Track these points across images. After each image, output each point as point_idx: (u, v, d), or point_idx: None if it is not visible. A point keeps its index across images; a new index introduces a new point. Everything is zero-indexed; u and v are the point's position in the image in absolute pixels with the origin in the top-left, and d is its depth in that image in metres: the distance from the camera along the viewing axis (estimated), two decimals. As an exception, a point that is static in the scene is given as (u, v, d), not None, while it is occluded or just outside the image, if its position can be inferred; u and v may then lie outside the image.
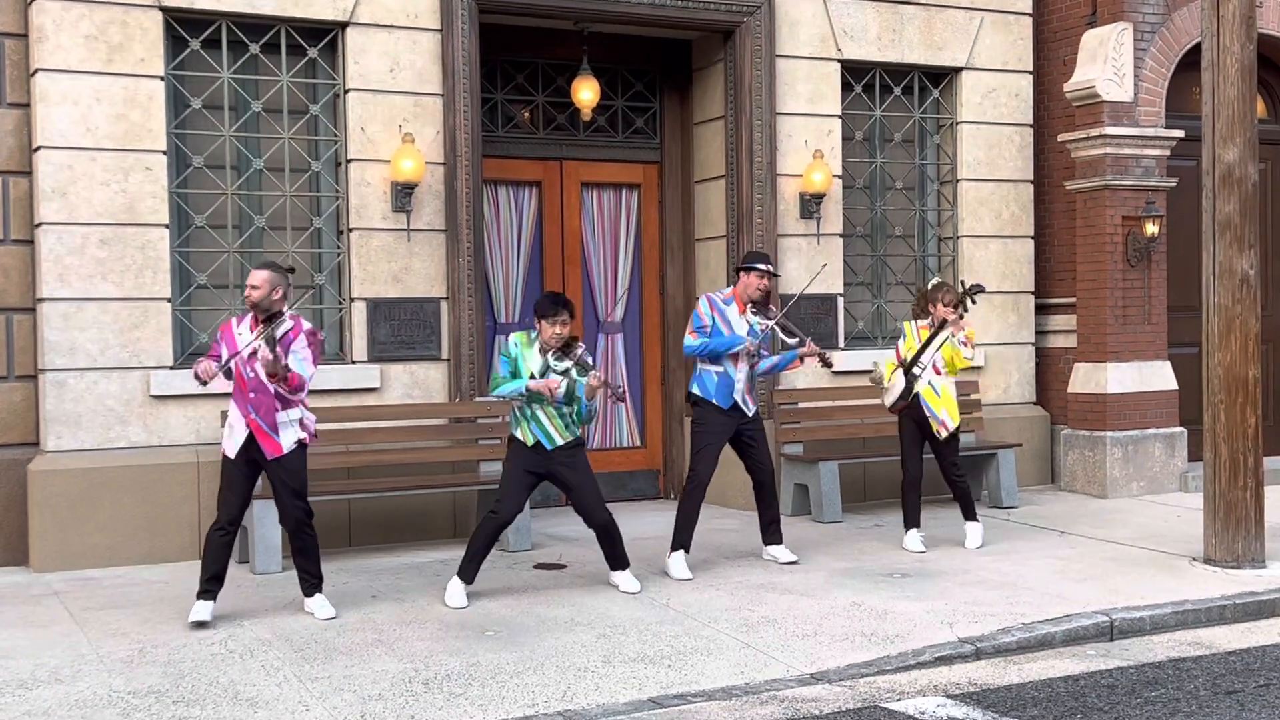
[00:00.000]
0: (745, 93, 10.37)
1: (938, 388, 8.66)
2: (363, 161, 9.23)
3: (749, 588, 7.71)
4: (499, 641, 6.58)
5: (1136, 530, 9.45)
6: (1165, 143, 11.09)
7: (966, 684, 6.06)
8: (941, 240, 11.47)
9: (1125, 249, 11.01)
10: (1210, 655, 6.55)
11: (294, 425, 6.93)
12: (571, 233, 10.89)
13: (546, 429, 7.37)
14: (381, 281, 9.30)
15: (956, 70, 11.26)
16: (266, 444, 6.87)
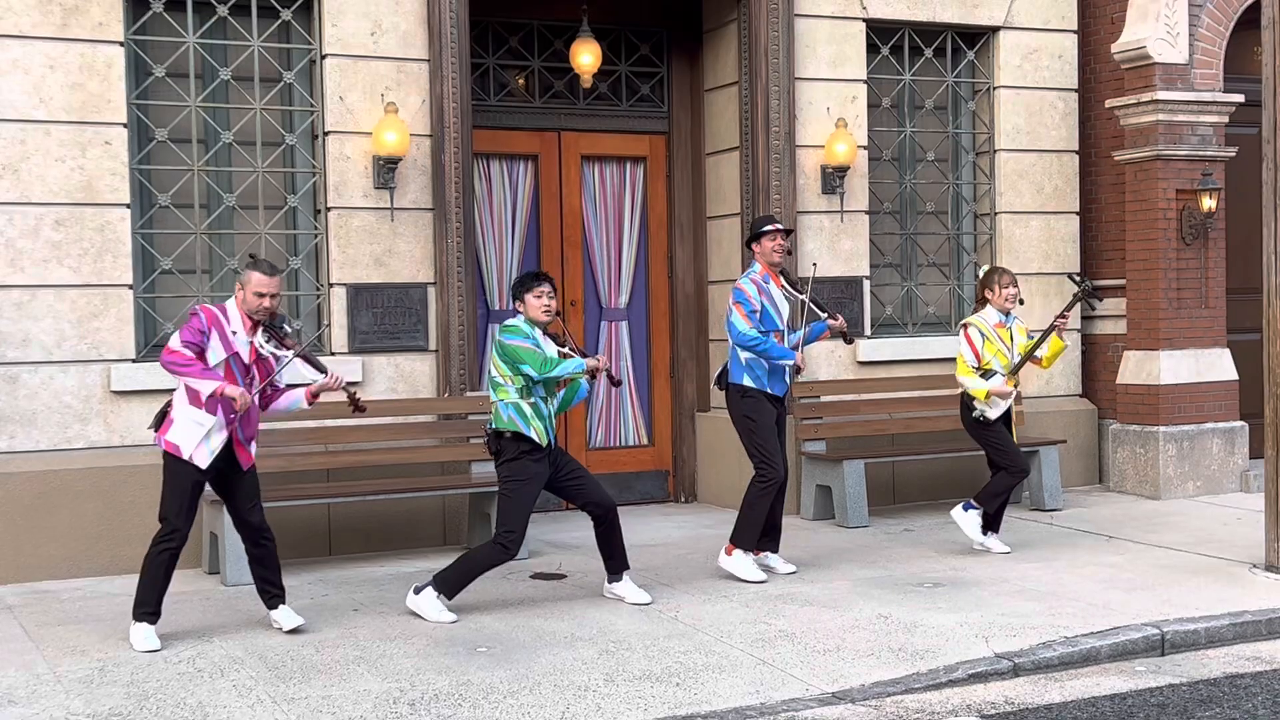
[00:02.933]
0: (761, 56, 10.37)
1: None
2: (341, 134, 9.25)
3: (765, 599, 7.72)
4: (492, 658, 6.60)
5: (1191, 534, 9.45)
6: (1223, 108, 11.07)
7: (1003, 703, 6.07)
8: (978, 217, 11.47)
9: (1179, 226, 10.99)
10: (1271, 671, 6.55)
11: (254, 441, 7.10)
12: (571, 211, 10.90)
13: (551, 425, 7.41)
14: (363, 265, 9.32)
15: (994, 30, 11.24)
16: (242, 454, 6.90)
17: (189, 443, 6.70)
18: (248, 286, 6.67)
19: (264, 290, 6.65)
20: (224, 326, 6.65)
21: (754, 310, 8.07)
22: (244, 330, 6.68)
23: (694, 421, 11.22)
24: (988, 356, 8.62)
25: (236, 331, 6.66)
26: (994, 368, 8.59)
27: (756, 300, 8.10)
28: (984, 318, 8.68)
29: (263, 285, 6.65)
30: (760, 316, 8.08)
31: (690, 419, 11.23)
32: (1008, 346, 8.66)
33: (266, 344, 6.78)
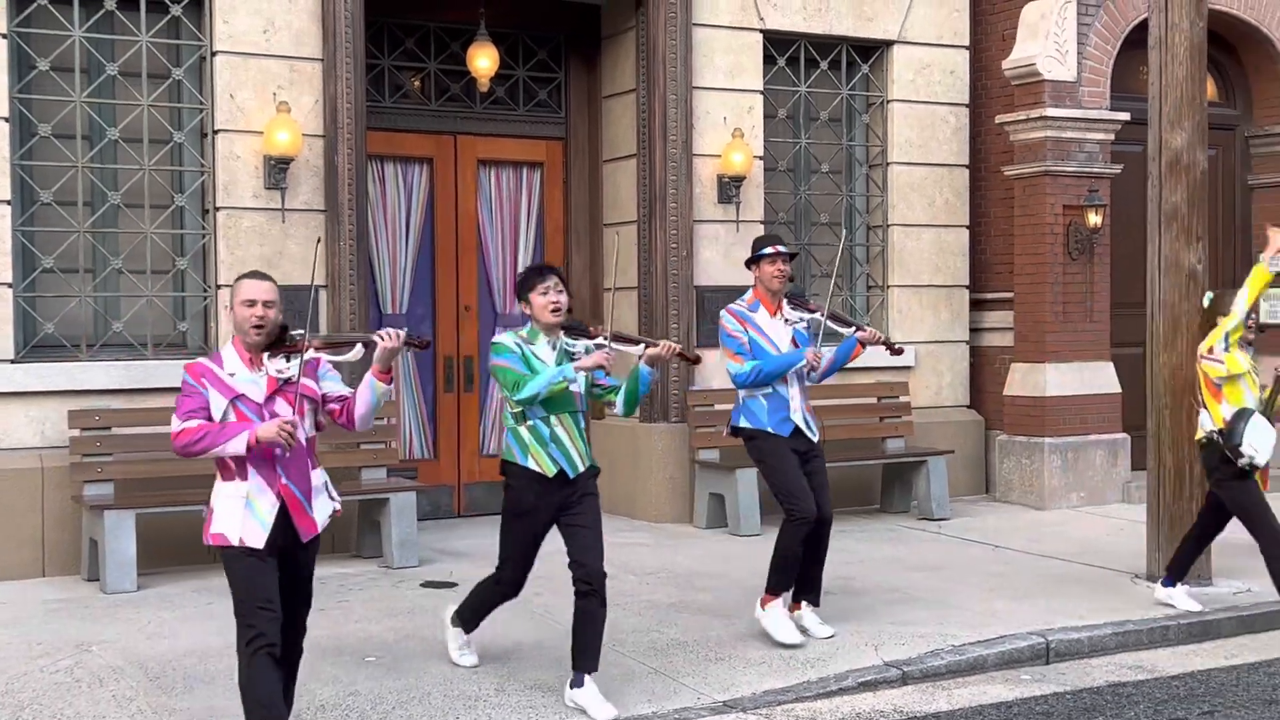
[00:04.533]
0: (659, 64, 10.37)
1: None
2: (232, 133, 9.08)
3: (659, 607, 7.71)
4: (380, 668, 6.50)
5: (1076, 544, 9.62)
6: (1110, 126, 11.31)
7: (892, 711, 6.11)
8: (870, 228, 11.59)
9: (1066, 240, 11.20)
10: (1152, 680, 6.68)
11: (324, 491, 5.38)
12: (466, 215, 10.81)
13: (569, 450, 6.16)
14: (252, 266, 9.07)
15: (888, 44, 11.38)
16: (303, 521, 5.20)
17: (233, 524, 5.10)
18: (233, 302, 5.17)
19: (253, 296, 5.11)
20: (216, 373, 5.13)
21: (741, 346, 7.10)
22: (245, 367, 5.14)
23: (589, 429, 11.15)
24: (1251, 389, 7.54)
25: (235, 373, 5.13)
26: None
27: (742, 334, 7.10)
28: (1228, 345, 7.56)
29: (251, 291, 5.13)
30: (751, 351, 7.10)
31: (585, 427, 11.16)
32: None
33: (286, 363, 5.22)
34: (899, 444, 10.91)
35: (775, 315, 7.21)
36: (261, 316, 5.12)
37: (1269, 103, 12.33)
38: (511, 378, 6.00)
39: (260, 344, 5.13)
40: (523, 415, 6.08)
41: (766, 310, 7.20)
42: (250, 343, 5.13)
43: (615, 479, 10.79)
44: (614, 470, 10.81)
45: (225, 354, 5.19)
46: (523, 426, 6.09)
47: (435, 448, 10.72)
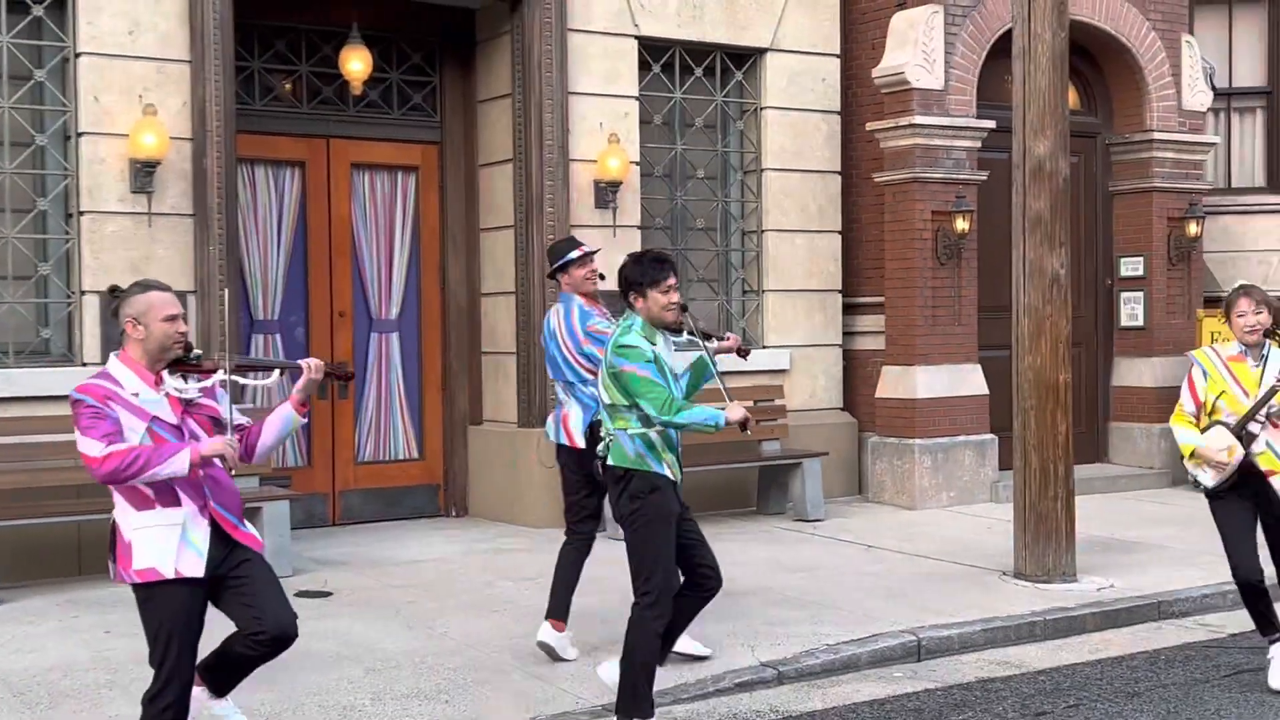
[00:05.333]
0: (534, 69, 10.36)
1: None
2: (96, 135, 8.87)
3: (535, 612, 7.66)
4: (253, 680, 6.35)
5: (946, 543, 9.80)
6: (976, 134, 11.55)
7: (768, 711, 6.17)
8: (745, 234, 11.70)
9: (935, 246, 11.41)
10: (1020, 675, 6.83)
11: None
12: (340, 219, 10.69)
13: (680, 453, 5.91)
14: (118, 272, 8.93)
15: (761, 51, 11.50)
16: (242, 536, 4.98)
17: (166, 555, 4.76)
18: (149, 317, 4.79)
19: (174, 311, 4.83)
20: (119, 394, 4.71)
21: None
22: (149, 386, 4.78)
23: (465, 435, 11.12)
24: (1212, 400, 6.50)
25: (138, 393, 4.75)
26: (1223, 418, 6.45)
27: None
28: (1216, 349, 6.64)
29: (170, 305, 4.84)
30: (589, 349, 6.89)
31: (462, 432, 11.13)
32: (1246, 391, 6.44)
33: (186, 383, 4.89)
34: (774, 446, 11.02)
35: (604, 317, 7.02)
36: (184, 333, 4.85)
37: (1129, 111, 12.70)
38: (662, 396, 5.62)
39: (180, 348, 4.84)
40: (649, 419, 5.71)
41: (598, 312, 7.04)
42: (166, 360, 4.80)
43: (494, 485, 10.76)
44: (493, 476, 10.78)
45: (119, 373, 4.76)
46: (652, 431, 5.73)
47: (310, 455, 10.57)
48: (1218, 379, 6.50)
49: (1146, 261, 12.60)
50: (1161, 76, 12.52)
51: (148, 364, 4.80)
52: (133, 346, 4.81)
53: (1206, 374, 6.53)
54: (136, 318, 4.81)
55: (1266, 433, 6.43)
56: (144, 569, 4.74)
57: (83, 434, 4.65)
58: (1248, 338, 6.41)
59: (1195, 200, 12.72)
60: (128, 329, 4.82)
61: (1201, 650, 7.30)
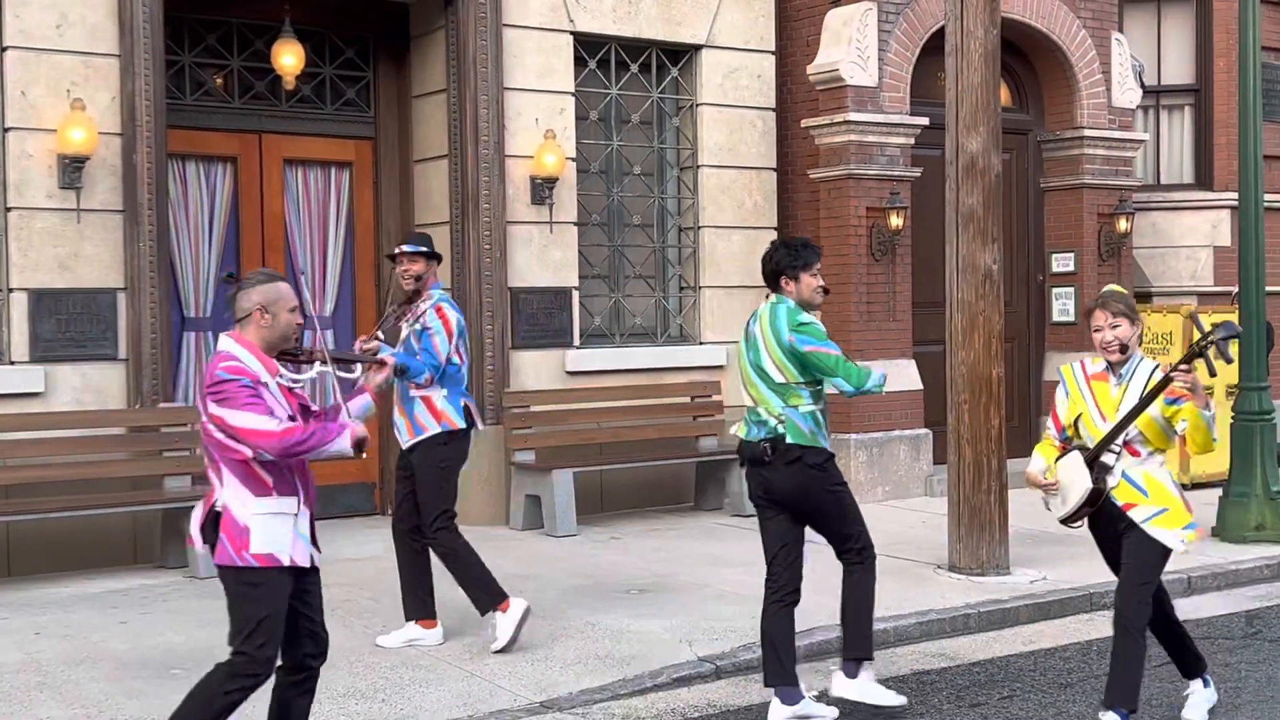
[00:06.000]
0: (469, 64, 10.33)
1: (1139, 480, 5.67)
2: (24, 130, 8.75)
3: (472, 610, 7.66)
4: (188, 681, 6.27)
5: (882, 537, 9.77)
6: (910, 130, 11.64)
7: (706, 706, 6.20)
8: (682, 230, 11.73)
9: (870, 241, 11.50)
10: (954, 667, 6.91)
11: None
12: (273, 215, 10.60)
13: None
14: (46, 269, 8.83)
15: (696, 48, 11.52)
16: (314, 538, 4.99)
17: (283, 543, 4.78)
18: (278, 306, 4.84)
19: (296, 303, 4.91)
20: (259, 376, 4.78)
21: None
22: (269, 373, 4.84)
23: (400, 432, 11.05)
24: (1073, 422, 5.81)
25: (267, 382, 4.80)
26: (1084, 439, 5.77)
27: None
28: (1084, 364, 5.90)
29: (294, 297, 4.91)
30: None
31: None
32: (1103, 415, 5.69)
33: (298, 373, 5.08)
34: (712, 442, 11.06)
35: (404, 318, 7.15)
36: (301, 324, 4.95)
37: (1059, 108, 12.86)
38: (854, 369, 5.99)
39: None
40: (818, 395, 6.04)
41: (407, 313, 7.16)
42: (281, 349, 4.89)
43: (429, 482, 10.70)
44: (428, 473, 10.72)
45: (245, 358, 4.76)
46: (818, 409, 6.05)
47: (243, 454, 10.46)
48: (1077, 399, 5.78)
49: (1077, 257, 12.76)
50: (1092, 74, 12.69)
51: (265, 351, 4.85)
52: (254, 333, 4.84)
53: (1068, 393, 5.82)
54: (266, 306, 4.85)
55: (1123, 462, 5.63)
56: (263, 554, 4.74)
57: (242, 410, 4.67)
58: (1105, 355, 5.69)
59: (1125, 196, 12.91)
60: (255, 315, 4.84)
61: (1132, 640, 7.40)
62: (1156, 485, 5.64)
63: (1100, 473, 5.64)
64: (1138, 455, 5.64)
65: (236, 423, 4.66)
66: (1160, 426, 5.63)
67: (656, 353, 11.29)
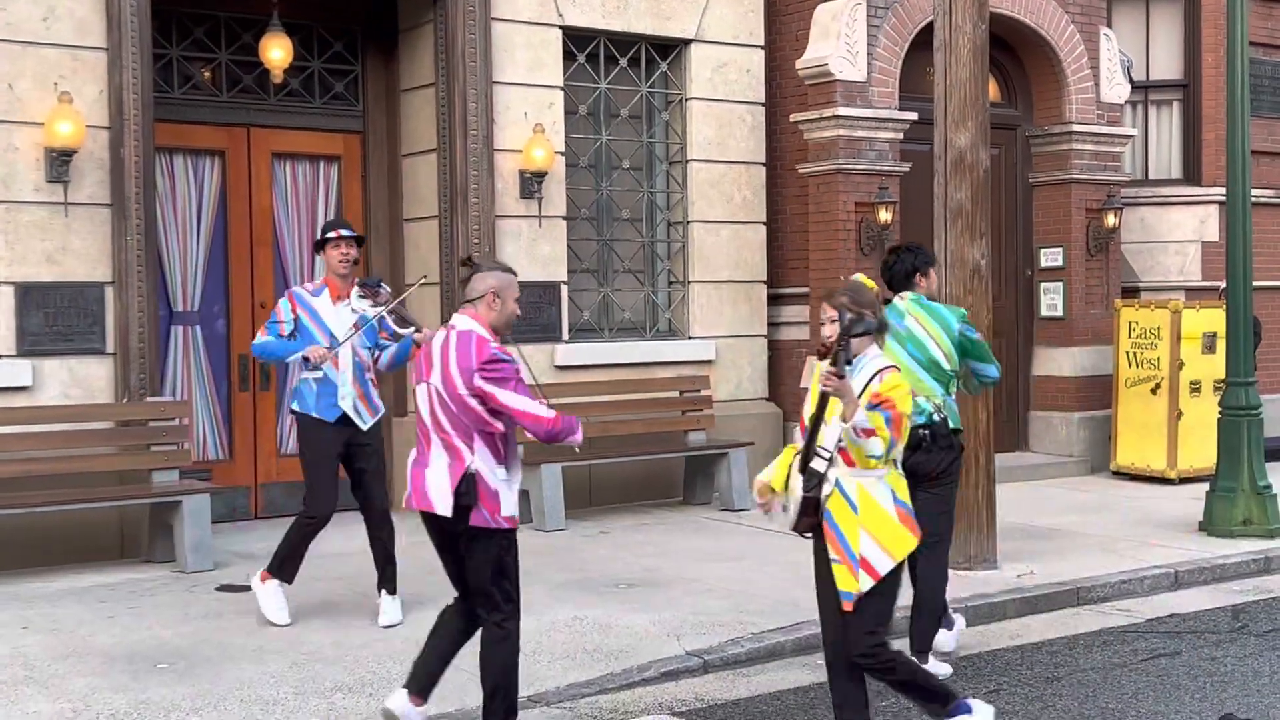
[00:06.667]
0: (458, 58, 10.32)
1: (851, 493, 5.11)
2: (11, 124, 8.73)
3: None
4: (174, 675, 6.34)
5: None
6: (899, 125, 11.65)
7: (693, 700, 6.21)
8: (671, 225, 11.72)
9: (858, 236, 11.51)
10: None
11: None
12: (261, 209, 10.58)
13: None
14: (33, 262, 8.81)
15: (685, 42, 11.52)
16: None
17: (515, 506, 5.33)
18: (507, 294, 5.27)
19: (519, 294, 5.42)
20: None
21: (277, 322, 7.34)
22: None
23: (390, 427, 11.05)
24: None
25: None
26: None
27: (286, 314, 7.33)
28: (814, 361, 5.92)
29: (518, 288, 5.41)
30: (293, 332, 7.31)
31: (386, 424, 11.04)
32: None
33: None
34: (700, 437, 11.07)
35: (339, 301, 7.35)
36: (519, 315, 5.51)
37: (1048, 103, 12.88)
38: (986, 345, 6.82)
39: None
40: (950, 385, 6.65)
41: (331, 295, 7.37)
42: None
43: (417, 477, 10.70)
44: (416, 468, 10.72)
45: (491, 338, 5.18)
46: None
47: (230, 448, 10.46)
48: (811, 398, 5.20)
49: (1066, 252, 12.78)
50: (1080, 69, 12.71)
51: (493, 333, 5.22)
52: (485, 313, 5.23)
53: (809, 391, 5.26)
54: (499, 291, 5.24)
55: (837, 470, 5.07)
56: (510, 516, 5.26)
57: (514, 391, 5.12)
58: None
59: (1113, 192, 12.94)
60: (488, 298, 5.22)
61: (1119, 635, 7.43)
62: (869, 501, 5.02)
63: (812, 481, 5.08)
64: (853, 465, 5.04)
65: (508, 401, 5.10)
66: (851, 436, 4.95)
67: (645, 347, 11.29)
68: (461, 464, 5.16)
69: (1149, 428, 12.21)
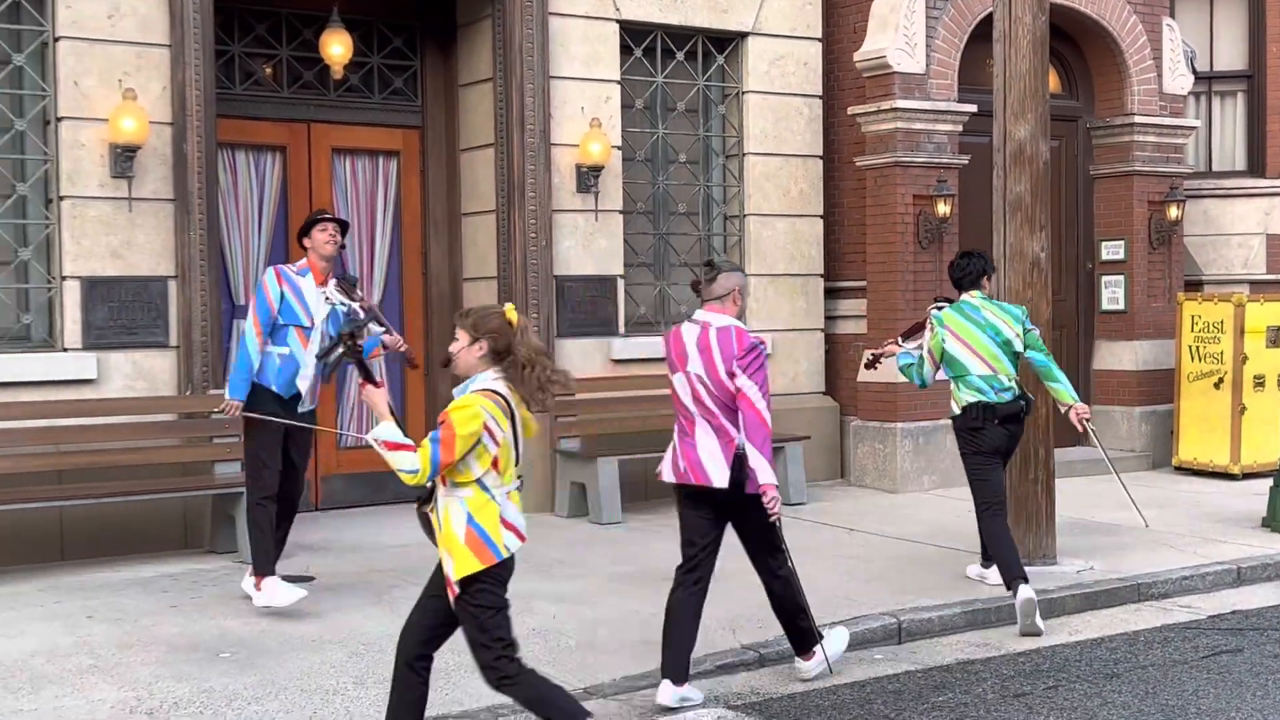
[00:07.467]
0: (515, 53, 10.35)
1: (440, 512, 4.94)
2: (76, 120, 8.84)
3: (517, 596, 7.61)
4: (235, 664, 6.41)
5: (927, 527, 9.84)
6: (957, 118, 11.57)
7: (749, 693, 6.20)
8: (727, 218, 11.71)
9: (916, 229, 11.44)
10: (999, 657, 6.88)
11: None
12: (321, 204, 10.65)
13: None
14: (98, 257, 8.93)
15: (742, 35, 11.49)
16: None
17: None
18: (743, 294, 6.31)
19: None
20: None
21: (267, 305, 7.46)
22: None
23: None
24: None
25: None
26: None
27: (275, 292, 7.48)
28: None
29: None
30: (279, 312, 7.48)
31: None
32: None
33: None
34: (757, 431, 11.03)
35: (321, 285, 7.61)
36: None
37: (1109, 95, 12.73)
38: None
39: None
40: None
41: (315, 278, 7.60)
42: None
43: (475, 469, 10.76)
44: (474, 461, 10.77)
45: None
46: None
47: (292, 440, 10.54)
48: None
49: (1127, 245, 12.65)
50: (1142, 60, 12.56)
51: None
52: (730, 309, 6.09)
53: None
54: (741, 289, 6.15)
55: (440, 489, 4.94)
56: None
57: (756, 382, 5.85)
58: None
59: (1176, 184, 12.77)
60: (734, 295, 6.09)
61: (1180, 632, 7.35)
62: (446, 522, 4.86)
63: (426, 497, 5.03)
64: (444, 483, 4.89)
65: (748, 389, 5.81)
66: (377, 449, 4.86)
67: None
68: (731, 443, 5.87)
69: (1211, 422, 12.06)
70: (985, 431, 7.63)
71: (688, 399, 6.00)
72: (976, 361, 7.67)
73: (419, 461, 4.70)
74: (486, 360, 4.88)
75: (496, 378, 4.89)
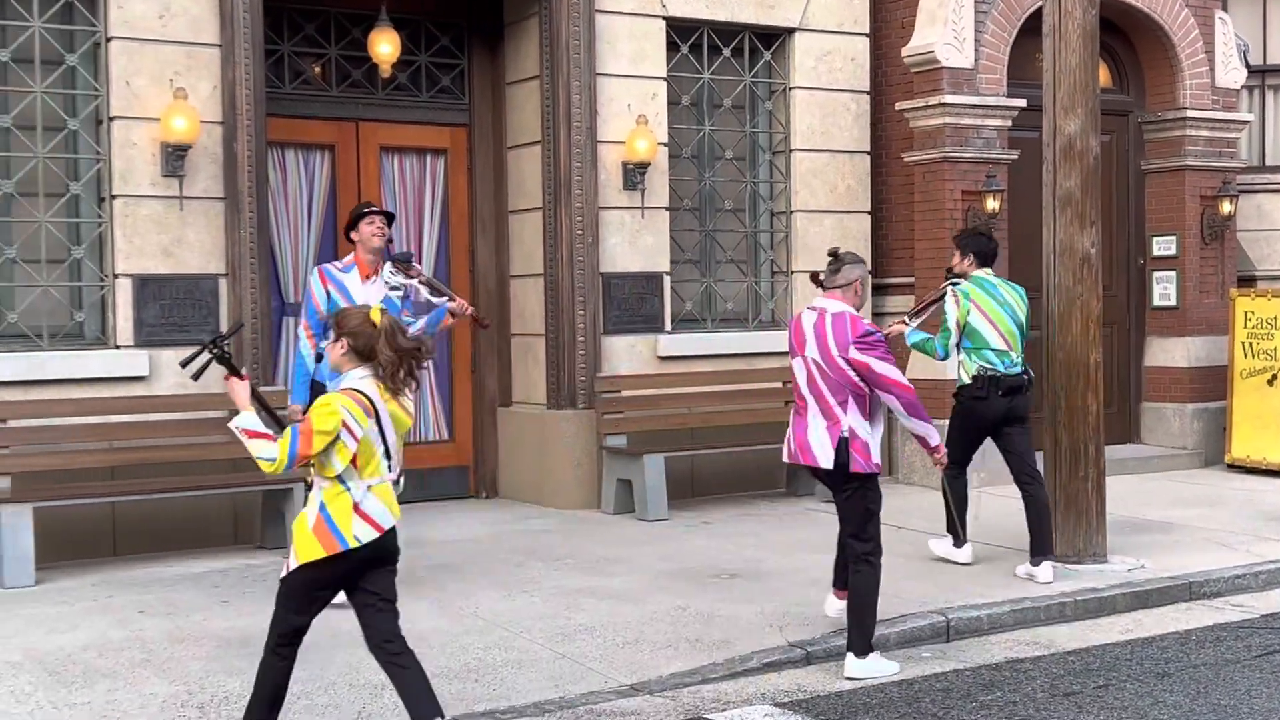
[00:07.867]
0: (562, 50, 10.36)
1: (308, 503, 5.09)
2: (128, 119, 8.93)
3: (565, 593, 7.72)
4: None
5: (975, 524, 9.75)
6: (1007, 113, 11.48)
7: (796, 691, 6.19)
8: (774, 215, 11.67)
9: (965, 225, 11.33)
10: (1049, 655, 6.82)
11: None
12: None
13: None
14: (150, 255, 9.02)
15: (789, 31, 11.45)
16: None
17: (878, 453, 6.43)
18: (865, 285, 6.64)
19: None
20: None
21: (315, 309, 7.55)
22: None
23: (495, 416, 11.16)
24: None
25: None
26: None
27: (319, 291, 7.56)
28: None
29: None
30: (328, 307, 7.46)
31: (492, 414, 11.17)
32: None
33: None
34: (804, 428, 10.99)
35: (369, 279, 7.59)
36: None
37: (1161, 89, 12.60)
38: None
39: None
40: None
41: (360, 274, 7.59)
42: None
43: (522, 466, 10.80)
44: (521, 457, 10.82)
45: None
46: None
47: (340, 437, 10.61)
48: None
49: (1179, 240, 12.51)
50: (1194, 54, 12.41)
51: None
52: (851, 298, 6.39)
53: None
54: (863, 280, 6.48)
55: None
56: (878, 462, 6.33)
57: (885, 361, 6.22)
58: None
59: (1229, 178, 12.63)
60: (855, 285, 6.42)
61: (1233, 631, 7.27)
62: (304, 510, 5.03)
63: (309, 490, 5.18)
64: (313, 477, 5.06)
65: (881, 370, 6.19)
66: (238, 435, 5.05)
67: (748, 338, 11.26)
68: (838, 426, 6.23)
69: (1265, 419, 11.92)
70: (988, 401, 8.14)
71: (804, 383, 6.38)
72: (995, 336, 8.13)
73: (277, 450, 4.86)
74: (350, 358, 5.01)
75: (364, 376, 5.03)
